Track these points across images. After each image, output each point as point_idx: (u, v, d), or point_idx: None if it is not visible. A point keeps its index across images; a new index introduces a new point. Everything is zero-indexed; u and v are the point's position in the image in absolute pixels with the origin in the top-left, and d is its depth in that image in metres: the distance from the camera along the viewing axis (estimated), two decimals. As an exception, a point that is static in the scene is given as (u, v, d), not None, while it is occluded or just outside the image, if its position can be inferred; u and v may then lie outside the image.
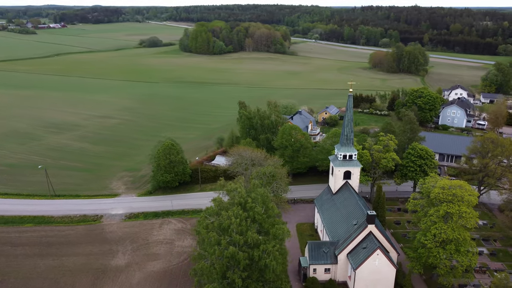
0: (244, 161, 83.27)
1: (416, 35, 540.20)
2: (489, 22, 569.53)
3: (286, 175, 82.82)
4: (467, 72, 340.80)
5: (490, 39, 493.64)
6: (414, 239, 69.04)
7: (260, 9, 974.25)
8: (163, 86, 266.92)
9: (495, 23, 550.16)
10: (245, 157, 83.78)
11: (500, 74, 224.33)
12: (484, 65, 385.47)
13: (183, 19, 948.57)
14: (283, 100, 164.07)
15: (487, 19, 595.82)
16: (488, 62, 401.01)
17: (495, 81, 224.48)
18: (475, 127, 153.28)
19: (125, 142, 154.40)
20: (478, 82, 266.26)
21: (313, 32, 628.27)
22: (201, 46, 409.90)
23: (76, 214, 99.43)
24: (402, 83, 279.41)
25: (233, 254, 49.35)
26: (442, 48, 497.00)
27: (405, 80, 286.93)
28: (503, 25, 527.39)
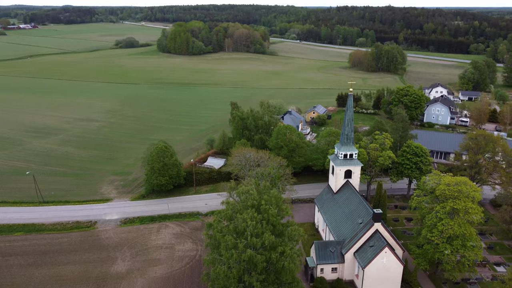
0: (249, 162, 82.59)
1: (391, 34, 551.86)
2: (460, 22, 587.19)
3: (291, 176, 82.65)
4: (443, 70, 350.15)
5: (462, 38, 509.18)
6: (419, 235, 70.03)
7: (237, 9, 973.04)
8: (145, 87, 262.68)
9: (466, 23, 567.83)
10: (249, 158, 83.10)
11: (477, 72, 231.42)
12: (458, 64, 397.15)
13: (159, 19, 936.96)
14: (272, 100, 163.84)
15: (458, 19, 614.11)
16: (462, 61, 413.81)
17: (472, 79, 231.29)
18: (458, 124, 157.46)
19: (112, 146, 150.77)
20: (454, 80, 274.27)
21: (290, 32, 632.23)
22: (180, 47, 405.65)
23: (68, 221, 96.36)
24: (382, 81, 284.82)
25: (251, 257, 48.77)
26: (417, 47, 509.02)
27: (385, 79, 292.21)
28: (473, 24, 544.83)
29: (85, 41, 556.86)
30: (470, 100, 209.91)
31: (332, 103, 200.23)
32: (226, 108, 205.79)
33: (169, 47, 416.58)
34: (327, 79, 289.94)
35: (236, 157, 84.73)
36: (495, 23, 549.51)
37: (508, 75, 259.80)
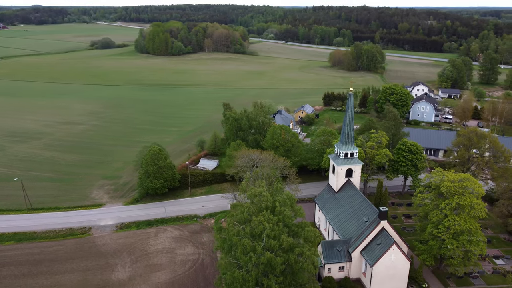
0: (255, 163, 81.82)
1: (368, 34, 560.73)
2: (433, 21, 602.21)
3: (296, 176, 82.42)
4: (419, 68, 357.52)
5: (436, 37, 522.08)
6: (422, 232, 71.07)
7: (213, 9, 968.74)
8: (126, 89, 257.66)
9: (439, 22, 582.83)
10: (254, 159, 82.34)
11: (455, 70, 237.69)
12: (434, 62, 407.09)
13: (134, 19, 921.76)
14: (260, 100, 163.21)
15: (431, 18, 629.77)
16: (437, 59, 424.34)
17: (451, 77, 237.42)
18: (443, 121, 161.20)
19: (98, 149, 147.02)
20: (432, 78, 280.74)
21: (268, 32, 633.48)
22: (159, 47, 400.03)
23: (61, 228, 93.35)
24: (363, 80, 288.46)
25: (270, 260, 48.22)
26: (393, 46, 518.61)
27: (366, 78, 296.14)
28: (446, 24, 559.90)
29: (58, 42, 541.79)
30: (450, 98, 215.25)
31: (317, 102, 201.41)
32: (212, 109, 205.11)
33: (147, 48, 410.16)
34: (309, 79, 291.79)
35: (241, 159, 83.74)
36: (467, 23, 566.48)
37: (483, 72, 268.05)
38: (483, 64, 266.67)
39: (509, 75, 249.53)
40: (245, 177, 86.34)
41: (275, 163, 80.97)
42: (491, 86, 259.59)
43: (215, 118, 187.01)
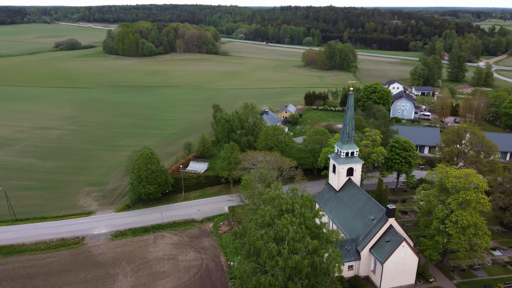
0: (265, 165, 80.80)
1: (336, 33, 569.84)
2: (398, 21, 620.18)
3: (302, 176, 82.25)
4: (389, 67, 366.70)
5: (402, 36, 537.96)
6: (426, 227, 72.65)
7: (180, 9, 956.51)
8: (100, 91, 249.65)
9: (404, 22, 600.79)
10: (262, 161, 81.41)
11: (426, 68, 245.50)
12: (402, 61, 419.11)
13: (98, 19, 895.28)
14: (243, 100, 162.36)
15: (396, 18, 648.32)
16: (404, 58, 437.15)
17: (423, 75, 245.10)
18: (422, 118, 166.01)
19: (78, 155, 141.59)
20: (403, 76, 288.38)
21: (237, 32, 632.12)
22: (129, 48, 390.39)
23: (51, 239, 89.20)
24: (338, 79, 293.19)
25: (297, 263, 47.71)
26: (361, 46, 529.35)
27: (340, 77, 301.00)
28: (410, 23, 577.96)
29: (19, 43, 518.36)
30: (423, 95, 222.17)
31: (297, 101, 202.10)
32: (191, 110, 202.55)
33: (116, 49, 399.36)
34: (285, 78, 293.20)
35: (248, 161, 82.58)
36: (430, 22, 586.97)
37: (451, 70, 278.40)
38: (451, 62, 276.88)
39: (476, 72, 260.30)
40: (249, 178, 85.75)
41: (281, 164, 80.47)
42: (459, 83, 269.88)
43: (197, 120, 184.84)
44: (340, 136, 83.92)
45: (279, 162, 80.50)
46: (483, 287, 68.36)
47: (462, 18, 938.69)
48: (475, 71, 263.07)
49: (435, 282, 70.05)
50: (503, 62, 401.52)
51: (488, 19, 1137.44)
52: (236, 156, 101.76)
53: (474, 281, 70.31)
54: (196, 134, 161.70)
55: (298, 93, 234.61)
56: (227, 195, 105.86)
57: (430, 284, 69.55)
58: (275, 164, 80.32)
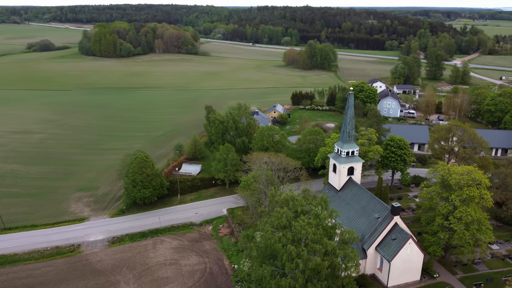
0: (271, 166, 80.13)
1: (314, 33, 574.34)
2: (374, 20, 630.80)
3: (306, 176, 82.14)
4: (368, 66, 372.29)
5: (378, 36, 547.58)
6: (428, 224, 73.75)
7: (155, 9, 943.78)
8: (79, 93, 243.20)
9: (379, 22, 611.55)
10: (268, 162, 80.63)
11: (407, 67, 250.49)
12: (379, 60, 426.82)
13: (70, 20, 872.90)
14: (233, 101, 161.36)
15: (371, 18, 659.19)
16: (381, 57, 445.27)
17: (403, 73, 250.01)
18: (407, 116, 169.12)
19: (64, 159, 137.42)
20: (382, 74, 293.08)
21: (215, 32, 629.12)
22: (106, 49, 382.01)
23: (45, 247, 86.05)
24: (320, 78, 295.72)
25: (318, 265, 47.45)
26: (338, 45, 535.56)
27: (322, 76, 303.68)
28: (386, 23, 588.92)
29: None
30: (405, 93, 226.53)
31: (282, 101, 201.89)
32: (176, 112, 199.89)
33: (93, 50, 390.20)
34: (267, 78, 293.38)
35: (256, 163, 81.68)
36: (404, 22, 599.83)
37: (430, 69, 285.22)
38: (429, 60, 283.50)
39: (454, 71, 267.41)
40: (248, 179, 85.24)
41: (286, 165, 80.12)
42: (437, 81, 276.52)
43: (183, 121, 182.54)
44: (340, 136, 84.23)
45: (284, 163, 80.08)
46: (485, 280, 69.97)
47: (433, 17, 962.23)
48: (453, 70, 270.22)
49: (439, 277, 71.23)
50: (475, 61, 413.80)
51: (457, 19, 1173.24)
52: (232, 158, 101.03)
53: (477, 275, 71.89)
54: (183, 135, 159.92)
55: (282, 93, 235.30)
56: (223, 197, 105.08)
57: (434, 280, 70.68)
58: (280, 165, 79.86)
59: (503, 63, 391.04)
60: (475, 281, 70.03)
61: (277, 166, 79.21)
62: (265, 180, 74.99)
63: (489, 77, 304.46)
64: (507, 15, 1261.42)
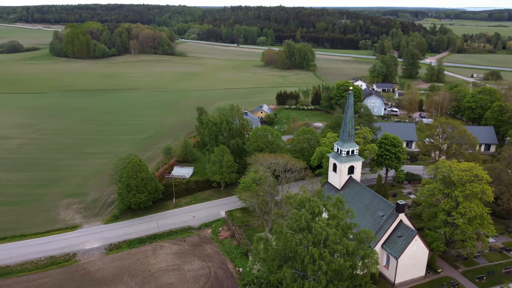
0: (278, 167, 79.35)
1: (288, 33, 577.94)
2: (347, 20, 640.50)
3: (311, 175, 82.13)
4: (344, 65, 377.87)
5: (351, 35, 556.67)
6: (430, 220, 75.16)
7: (126, 9, 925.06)
8: (55, 96, 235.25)
9: (353, 22, 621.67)
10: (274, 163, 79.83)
11: (385, 66, 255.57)
12: (354, 59, 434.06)
13: (37, 20, 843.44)
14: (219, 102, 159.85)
15: (344, 17, 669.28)
16: (356, 56, 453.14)
17: (381, 72, 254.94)
18: (390, 114, 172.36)
19: (46, 165, 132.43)
20: (360, 73, 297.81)
21: (189, 32, 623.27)
22: (80, 50, 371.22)
23: (39, 257, 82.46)
24: (300, 78, 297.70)
25: (340, 266, 47.33)
26: (314, 45, 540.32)
27: (301, 76, 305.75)
28: (359, 23, 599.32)
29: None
30: (384, 91, 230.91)
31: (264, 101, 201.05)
32: (158, 114, 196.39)
33: (65, 51, 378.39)
34: (248, 78, 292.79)
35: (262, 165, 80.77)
36: (377, 21, 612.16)
37: (406, 67, 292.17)
38: (405, 59, 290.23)
39: (429, 69, 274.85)
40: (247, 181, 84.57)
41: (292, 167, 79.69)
42: (413, 79, 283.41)
43: (167, 123, 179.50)
44: (339, 135, 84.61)
45: (290, 164, 79.74)
46: (487, 273, 71.86)
47: (402, 17, 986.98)
48: (428, 68, 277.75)
49: (442, 272, 72.69)
50: (446, 59, 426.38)
51: (425, 18, 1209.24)
52: (228, 159, 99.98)
53: (478, 268, 73.78)
54: (169, 138, 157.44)
55: (264, 93, 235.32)
56: (219, 199, 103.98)
57: (438, 275, 72.07)
58: (286, 166, 79.47)
59: (472, 61, 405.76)
60: (477, 275, 71.81)
61: (283, 167, 78.72)
62: (271, 182, 74.50)
63: (461, 74, 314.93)
64: (471, 15, 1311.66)
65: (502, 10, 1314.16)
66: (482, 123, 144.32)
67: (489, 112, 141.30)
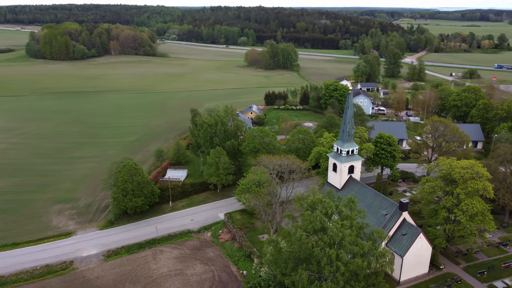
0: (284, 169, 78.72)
1: (269, 33, 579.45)
2: (326, 20, 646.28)
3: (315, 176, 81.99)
4: (326, 65, 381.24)
5: (332, 35, 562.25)
6: (431, 217, 76.27)
7: (103, 9, 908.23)
8: (35, 99, 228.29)
9: (332, 22, 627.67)
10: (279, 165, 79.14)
11: (368, 65, 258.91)
12: (335, 58, 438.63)
13: (10, 20, 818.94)
14: (209, 103, 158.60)
15: (324, 18, 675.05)
16: (337, 56, 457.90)
17: (365, 71, 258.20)
18: (378, 113, 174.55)
19: (32, 170, 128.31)
20: (343, 73, 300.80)
21: (169, 32, 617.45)
22: (58, 51, 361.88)
23: (34, 266, 79.65)
24: (284, 78, 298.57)
25: (359, 266, 47.28)
26: (295, 45, 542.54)
27: (285, 76, 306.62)
28: (338, 23, 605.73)
29: None
30: (369, 91, 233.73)
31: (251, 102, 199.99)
32: (145, 115, 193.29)
33: (43, 52, 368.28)
34: (232, 79, 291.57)
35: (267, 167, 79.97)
36: (356, 22, 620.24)
37: (388, 67, 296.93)
38: (387, 59, 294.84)
39: (411, 68, 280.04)
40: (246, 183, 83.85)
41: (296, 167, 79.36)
42: (396, 78, 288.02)
43: (154, 125, 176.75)
44: (339, 135, 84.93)
45: (294, 165, 79.46)
46: (487, 268, 73.36)
47: (379, 17, 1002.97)
48: (410, 67, 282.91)
49: (444, 268, 73.80)
50: (424, 58, 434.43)
51: (401, 18, 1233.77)
52: (224, 161, 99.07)
53: (478, 263, 75.26)
54: (158, 140, 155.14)
55: (251, 93, 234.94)
56: (216, 201, 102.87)
57: (441, 271, 73.15)
58: (291, 167, 79.15)
59: (449, 60, 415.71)
60: (477, 270, 73.20)
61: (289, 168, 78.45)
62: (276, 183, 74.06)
63: (440, 73, 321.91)
64: (444, 15, 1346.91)
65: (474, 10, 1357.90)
66: (468, 120, 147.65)
67: (475, 110, 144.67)
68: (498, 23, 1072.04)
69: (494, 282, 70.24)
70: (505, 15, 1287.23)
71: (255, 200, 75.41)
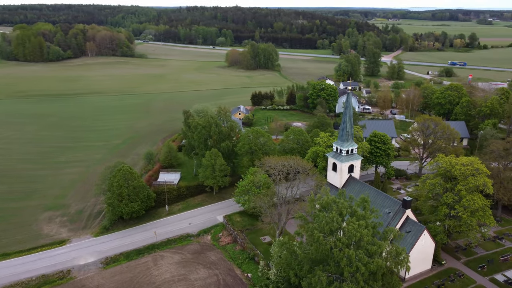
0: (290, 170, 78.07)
1: (247, 33, 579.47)
2: (303, 20, 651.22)
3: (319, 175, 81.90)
4: (306, 64, 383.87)
5: (309, 35, 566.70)
6: (431, 214, 77.55)
7: (75, 9, 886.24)
8: (11, 102, 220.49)
9: (309, 22, 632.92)
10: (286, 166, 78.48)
11: (349, 65, 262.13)
12: (314, 58, 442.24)
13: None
14: (197, 105, 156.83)
15: (301, 18, 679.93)
16: (316, 55, 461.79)
17: (347, 71, 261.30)
18: (364, 112, 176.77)
19: (17, 177, 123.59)
20: (324, 72, 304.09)
21: (145, 33, 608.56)
22: (32, 53, 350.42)
23: (30, 277, 76.58)
24: (266, 78, 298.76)
25: (379, 266, 47.40)
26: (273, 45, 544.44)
27: (267, 76, 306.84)
28: (315, 23, 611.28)
29: None
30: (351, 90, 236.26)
31: (238, 102, 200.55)
32: (129, 118, 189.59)
33: (15, 54, 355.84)
34: (214, 80, 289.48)
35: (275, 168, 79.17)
36: (332, 21, 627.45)
37: (368, 66, 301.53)
38: (368, 58, 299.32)
39: (390, 67, 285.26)
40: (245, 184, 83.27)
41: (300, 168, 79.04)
42: (376, 77, 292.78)
43: (139, 128, 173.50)
44: (339, 135, 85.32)
45: (299, 166, 79.16)
46: (487, 262, 75.23)
47: (353, 17, 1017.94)
48: (389, 66, 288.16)
49: (446, 264, 75.24)
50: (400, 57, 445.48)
51: (374, 18, 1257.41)
52: (220, 163, 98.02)
53: (477, 258, 77.10)
54: (145, 142, 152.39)
55: (234, 94, 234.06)
56: (213, 204, 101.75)
57: (443, 267, 74.52)
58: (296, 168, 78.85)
59: (424, 59, 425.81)
60: (477, 264, 74.96)
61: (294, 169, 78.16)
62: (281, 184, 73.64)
63: (417, 72, 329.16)
64: (415, 15, 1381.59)
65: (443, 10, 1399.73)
66: (452, 118, 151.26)
67: (459, 108, 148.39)
68: (467, 23, 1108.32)
69: (495, 275, 72.05)
70: (473, 15, 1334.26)
71: (260, 202, 74.76)
